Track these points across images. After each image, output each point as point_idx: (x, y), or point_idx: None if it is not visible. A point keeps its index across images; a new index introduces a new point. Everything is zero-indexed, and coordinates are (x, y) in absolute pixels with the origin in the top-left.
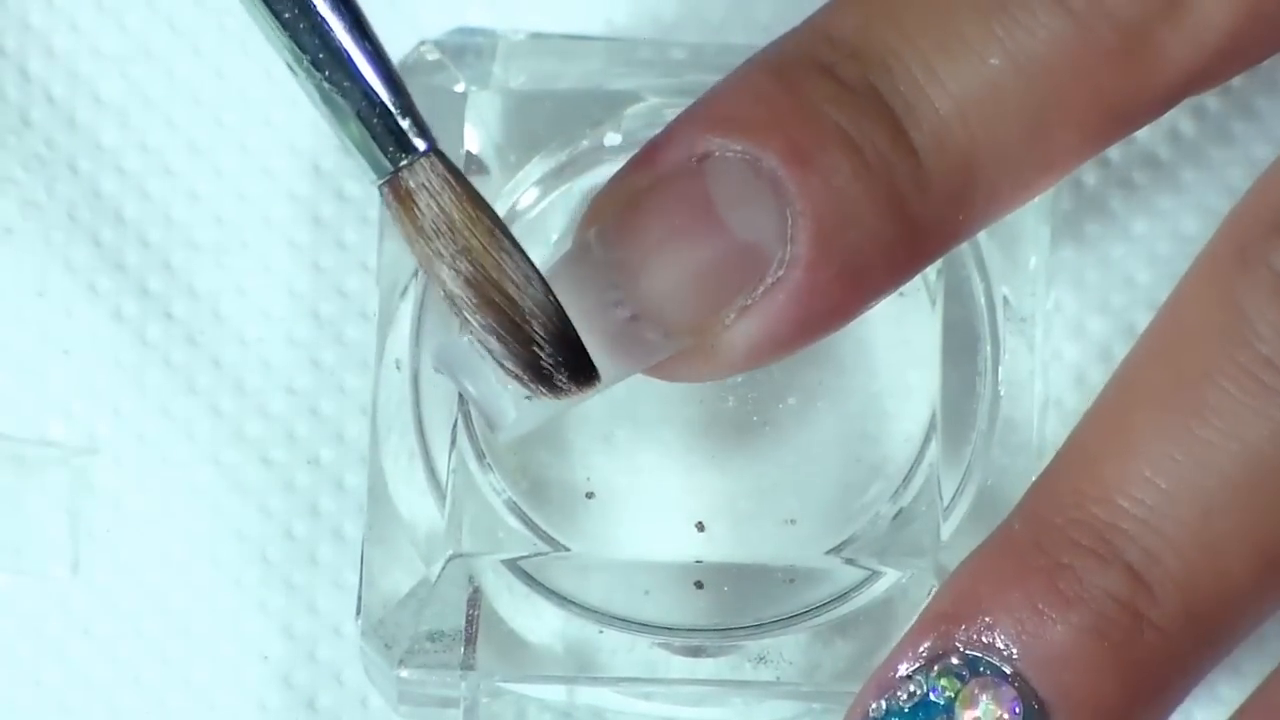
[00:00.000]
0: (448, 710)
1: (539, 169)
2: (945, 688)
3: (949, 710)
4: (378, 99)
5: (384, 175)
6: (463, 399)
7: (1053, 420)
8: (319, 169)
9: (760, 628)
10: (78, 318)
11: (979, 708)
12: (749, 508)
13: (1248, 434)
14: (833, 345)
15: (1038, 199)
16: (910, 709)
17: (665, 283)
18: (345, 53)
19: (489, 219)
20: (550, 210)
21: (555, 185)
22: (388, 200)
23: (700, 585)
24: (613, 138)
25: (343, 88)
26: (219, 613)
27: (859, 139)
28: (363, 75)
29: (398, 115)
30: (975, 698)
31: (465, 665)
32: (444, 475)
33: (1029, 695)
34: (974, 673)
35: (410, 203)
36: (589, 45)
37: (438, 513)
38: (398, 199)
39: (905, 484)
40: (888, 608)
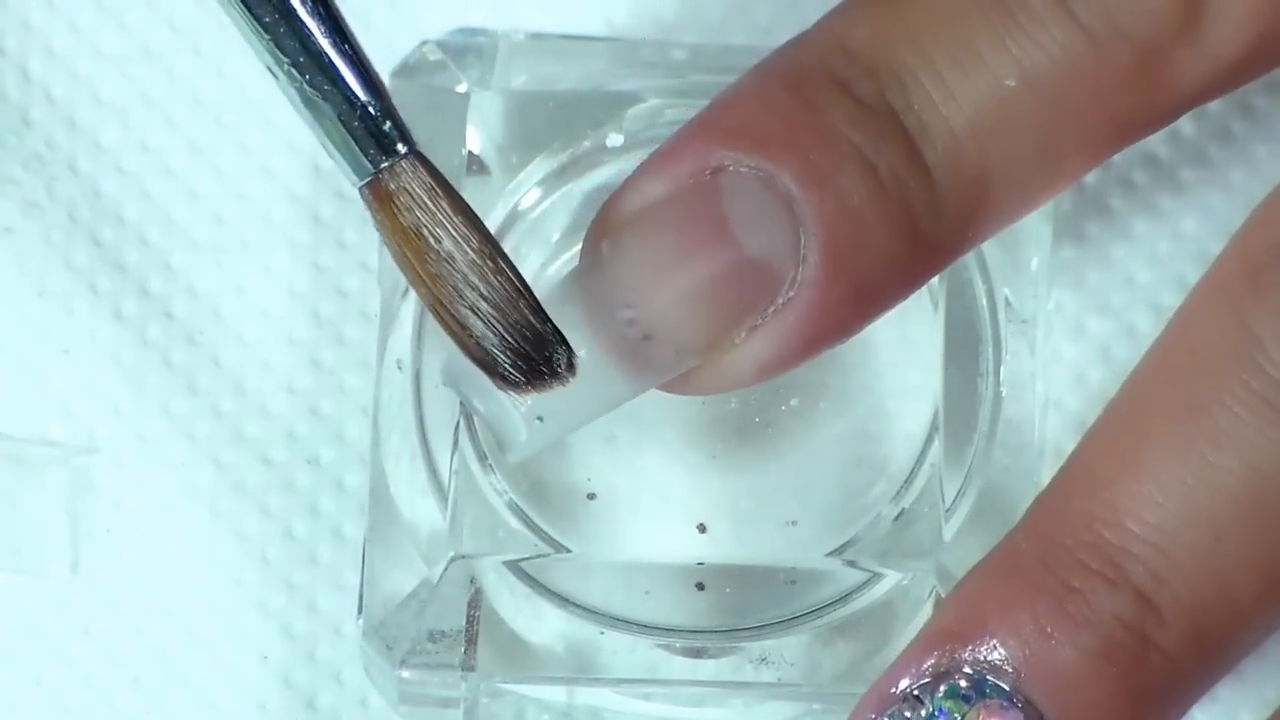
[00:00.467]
0: (448, 710)
1: (540, 169)
2: (951, 710)
3: None
4: (358, 102)
5: (365, 177)
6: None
7: (1053, 421)
8: (319, 169)
9: (761, 629)
10: (78, 318)
11: None
12: (750, 509)
13: (1258, 459)
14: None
15: None
16: None
17: (679, 303)
18: (326, 56)
19: (467, 220)
20: (552, 211)
21: (557, 186)
22: (368, 202)
23: (701, 586)
24: (614, 138)
25: (323, 91)
26: (219, 613)
27: (875, 160)
28: (343, 78)
29: (378, 118)
30: None
31: (466, 666)
32: (445, 476)
33: (1034, 718)
34: (980, 694)
35: (391, 205)
36: (590, 46)
37: (439, 513)
38: (378, 201)
39: (907, 485)
40: (889, 609)
